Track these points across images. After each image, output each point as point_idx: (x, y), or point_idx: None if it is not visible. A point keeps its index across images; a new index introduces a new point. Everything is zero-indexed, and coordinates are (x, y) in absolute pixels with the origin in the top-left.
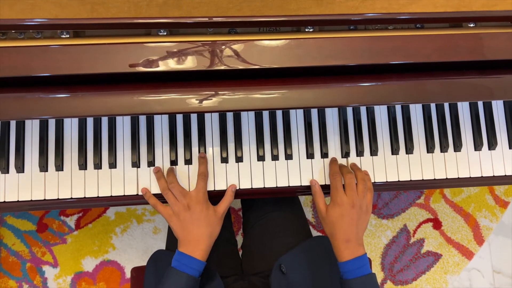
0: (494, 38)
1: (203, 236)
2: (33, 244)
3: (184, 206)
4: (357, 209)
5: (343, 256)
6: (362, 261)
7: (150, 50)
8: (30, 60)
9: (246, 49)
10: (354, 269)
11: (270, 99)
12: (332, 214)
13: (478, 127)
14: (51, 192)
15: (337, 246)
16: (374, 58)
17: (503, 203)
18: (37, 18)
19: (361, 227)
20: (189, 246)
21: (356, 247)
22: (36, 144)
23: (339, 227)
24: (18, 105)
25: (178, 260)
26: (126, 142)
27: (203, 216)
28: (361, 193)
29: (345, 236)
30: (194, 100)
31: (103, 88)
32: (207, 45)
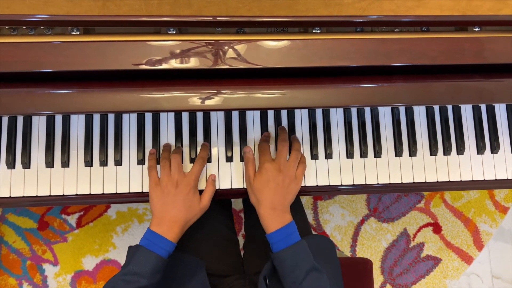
0: (498, 42)
1: (180, 219)
2: (33, 242)
3: (173, 181)
4: (284, 175)
5: (270, 226)
6: (290, 228)
7: (159, 48)
8: (40, 55)
9: (255, 48)
10: (283, 239)
11: (277, 99)
12: (258, 180)
13: (481, 131)
14: (57, 188)
15: (263, 214)
16: (381, 60)
17: (503, 209)
18: (48, 14)
19: (287, 195)
20: (163, 226)
21: (282, 214)
22: (43, 140)
23: (264, 194)
24: (27, 100)
25: (148, 239)
26: (132, 140)
27: (188, 200)
28: (291, 161)
29: (271, 203)
30: (201, 98)
31: (111, 85)
32: (215, 44)
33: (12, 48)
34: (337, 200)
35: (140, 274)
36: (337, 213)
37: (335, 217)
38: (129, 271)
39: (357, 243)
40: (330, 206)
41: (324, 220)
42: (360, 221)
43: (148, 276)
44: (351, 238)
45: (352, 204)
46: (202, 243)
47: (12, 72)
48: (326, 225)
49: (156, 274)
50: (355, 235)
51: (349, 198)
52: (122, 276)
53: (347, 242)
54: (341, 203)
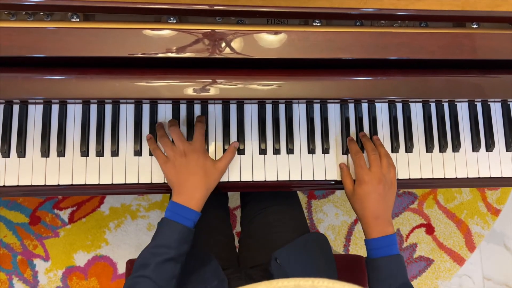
0: (496, 38)
1: (199, 185)
2: (25, 236)
3: (181, 152)
4: (383, 184)
5: (371, 233)
6: (391, 240)
7: (158, 37)
8: (40, 41)
9: (255, 39)
10: (382, 247)
11: (276, 89)
12: (360, 192)
13: (476, 129)
14: (52, 178)
15: (366, 223)
16: (380, 53)
17: (495, 211)
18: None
19: (389, 203)
20: (184, 195)
21: (385, 224)
22: (39, 129)
23: (367, 204)
24: (25, 84)
25: (171, 210)
26: (129, 131)
27: (200, 164)
28: (385, 168)
29: (374, 213)
30: (200, 87)
31: (110, 72)
32: (214, 34)
33: (12, 33)
34: (331, 200)
35: (167, 245)
36: (331, 213)
37: (329, 216)
38: (157, 244)
39: (350, 242)
40: (324, 205)
41: (318, 219)
42: (353, 220)
43: (176, 246)
44: (344, 238)
45: (345, 204)
46: (200, 237)
47: (10, 57)
48: (319, 224)
49: (183, 244)
50: (349, 235)
51: (343, 198)
52: (150, 249)
53: (340, 241)
54: (335, 202)
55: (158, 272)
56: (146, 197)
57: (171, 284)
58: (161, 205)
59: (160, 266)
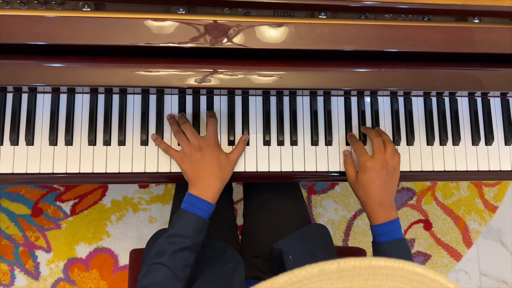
0: (496, 33)
1: (214, 177)
2: (27, 228)
3: (196, 147)
4: (387, 170)
5: (376, 218)
6: (395, 225)
7: (168, 26)
8: (53, 28)
9: (261, 30)
10: (387, 232)
11: (282, 80)
12: (363, 179)
13: (476, 123)
14: (60, 166)
15: (371, 210)
16: (384, 45)
17: (492, 208)
18: None
19: (392, 188)
20: (199, 187)
21: (389, 210)
22: (47, 118)
23: (371, 190)
24: (37, 71)
25: (188, 202)
26: (136, 121)
27: (214, 157)
28: (389, 154)
29: (378, 199)
30: (207, 77)
31: (120, 60)
32: (223, 25)
33: (25, 21)
34: (331, 195)
35: (183, 235)
36: (330, 208)
37: (329, 211)
38: (173, 234)
39: (349, 237)
40: (324, 200)
41: (317, 214)
42: (352, 215)
43: (191, 236)
44: (343, 233)
45: (345, 199)
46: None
47: (23, 44)
48: (319, 219)
49: (199, 234)
50: (348, 230)
51: (343, 193)
52: (167, 239)
53: (339, 236)
54: (334, 197)
55: (174, 260)
56: (148, 190)
57: (185, 272)
58: (163, 198)
59: (176, 255)
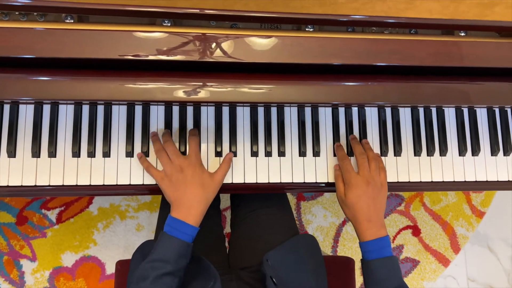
0: (482, 46)
1: (196, 199)
2: (11, 236)
3: (177, 167)
4: (373, 187)
5: (365, 236)
6: (384, 242)
7: (151, 39)
8: (35, 41)
9: (247, 43)
10: (375, 250)
11: (268, 93)
12: (350, 196)
13: (463, 134)
14: (43, 178)
15: (359, 227)
16: (371, 59)
17: (479, 213)
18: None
19: (379, 205)
20: (182, 210)
21: (377, 227)
22: (30, 129)
23: (359, 208)
24: (18, 85)
25: (170, 225)
26: (121, 132)
27: (197, 178)
28: (373, 171)
29: (366, 216)
30: (193, 90)
31: (104, 74)
32: (208, 38)
33: (6, 33)
34: (320, 201)
35: (165, 260)
36: (319, 214)
37: (318, 218)
38: (155, 258)
39: (338, 244)
40: (313, 207)
41: (306, 221)
42: (341, 222)
43: (173, 261)
44: (332, 239)
45: (334, 205)
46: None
47: (3, 57)
48: (308, 226)
49: (181, 259)
50: (337, 236)
51: (332, 199)
52: (149, 263)
53: (328, 242)
54: (323, 204)
55: (156, 286)
56: (135, 197)
57: None
58: (150, 205)
59: (158, 280)
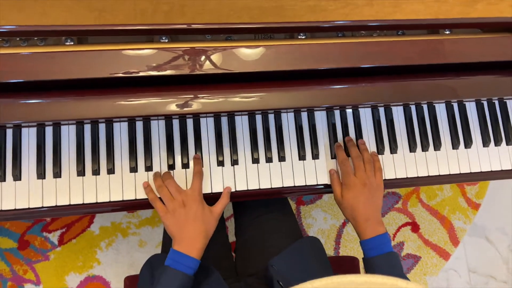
0: (467, 43)
1: (199, 234)
2: (14, 262)
3: (180, 203)
4: (369, 187)
5: (364, 234)
6: (383, 239)
7: (153, 56)
8: (38, 65)
9: (242, 54)
10: (376, 247)
11: (266, 100)
12: (347, 197)
13: (455, 128)
14: (49, 199)
15: (358, 226)
16: (362, 61)
17: (474, 205)
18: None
19: (376, 204)
20: (184, 244)
21: (376, 225)
22: (33, 151)
23: (356, 208)
24: (22, 109)
25: (172, 258)
26: (124, 148)
27: (199, 214)
28: (369, 172)
29: (364, 215)
30: (193, 102)
31: (106, 92)
32: (206, 51)
33: (8, 59)
34: (319, 204)
35: None
36: (319, 217)
37: (318, 221)
38: None
39: (340, 245)
40: (313, 210)
41: (307, 225)
42: (341, 223)
43: None
44: (334, 241)
45: (333, 208)
46: None
47: (5, 83)
48: (309, 229)
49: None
50: (338, 238)
51: (331, 202)
52: None
53: (330, 245)
54: (322, 207)
55: None
56: (136, 214)
57: None
58: (152, 221)
59: None
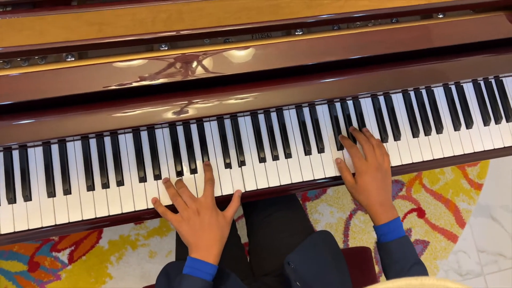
0: (460, 25)
1: (215, 240)
2: (25, 284)
3: (194, 211)
4: (381, 172)
5: (380, 219)
6: (397, 223)
7: (155, 63)
8: (40, 84)
9: (245, 54)
10: (391, 231)
11: (270, 98)
12: (361, 183)
13: (454, 110)
14: (62, 217)
15: (374, 211)
16: (360, 52)
17: (477, 186)
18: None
19: (388, 188)
20: (201, 251)
21: (390, 209)
22: (42, 171)
23: (371, 192)
24: (28, 128)
25: (191, 266)
26: (131, 159)
27: (213, 220)
28: (379, 157)
29: (378, 200)
30: (200, 105)
31: (114, 104)
32: (207, 55)
33: (10, 80)
34: (324, 199)
35: None
36: (326, 212)
37: (325, 215)
38: None
39: (348, 237)
40: (318, 205)
41: (314, 220)
42: (348, 216)
43: None
44: (342, 234)
45: (339, 201)
46: None
47: (14, 103)
48: (317, 225)
49: None
50: (346, 230)
51: (335, 195)
52: None
53: (339, 238)
54: (328, 201)
55: None
56: (144, 225)
57: None
58: (160, 230)
59: None
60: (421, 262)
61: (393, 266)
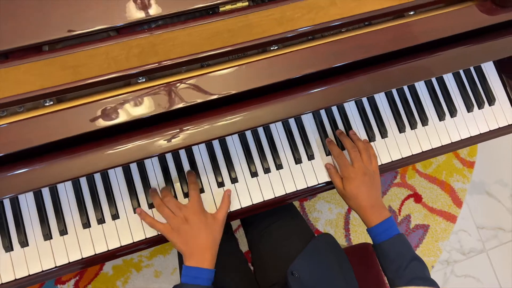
0: (433, 20)
1: (207, 244)
2: None
3: (182, 219)
4: (369, 176)
5: (371, 220)
6: (389, 222)
7: (135, 98)
8: (25, 133)
9: (222, 77)
10: (384, 231)
11: (256, 117)
12: (349, 188)
13: (437, 100)
14: (61, 258)
15: (364, 214)
16: (338, 60)
17: (469, 164)
18: (24, 92)
19: (376, 190)
20: (195, 257)
21: (380, 210)
22: (35, 215)
23: (360, 197)
24: (14, 180)
25: (187, 275)
26: (123, 191)
27: (203, 225)
28: (366, 161)
29: (369, 203)
30: (187, 133)
31: (98, 144)
32: (185, 83)
33: None
34: (321, 197)
35: None
36: (324, 209)
37: (324, 213)
38: None
39: (350, 231)
40: (316, 203)
41: (314, 219)
42: (347, 210)
43: None
44: (343, 229)
45: (335, 197)
46: (221, 271)
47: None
48: (317, 223)
49: None
50: (346, 225)
51: (332, 192)
52: None
53: (340, 233)
54: (325, 198)
55: None
56: None
57: None
58: (162, 249)
59: None
60: (418, 258)
61: (390, 266)
